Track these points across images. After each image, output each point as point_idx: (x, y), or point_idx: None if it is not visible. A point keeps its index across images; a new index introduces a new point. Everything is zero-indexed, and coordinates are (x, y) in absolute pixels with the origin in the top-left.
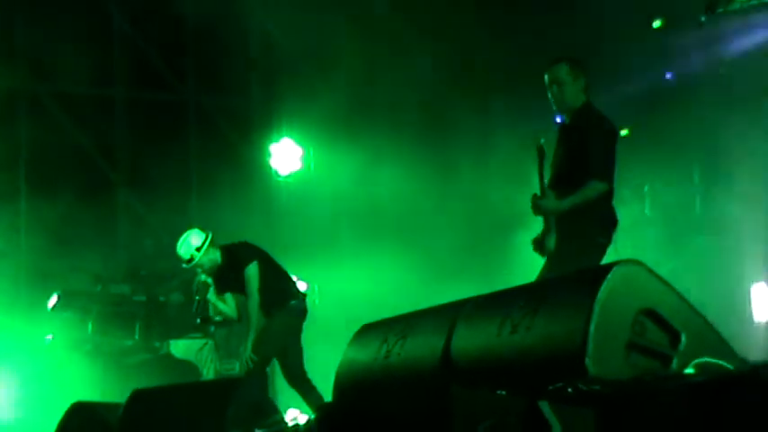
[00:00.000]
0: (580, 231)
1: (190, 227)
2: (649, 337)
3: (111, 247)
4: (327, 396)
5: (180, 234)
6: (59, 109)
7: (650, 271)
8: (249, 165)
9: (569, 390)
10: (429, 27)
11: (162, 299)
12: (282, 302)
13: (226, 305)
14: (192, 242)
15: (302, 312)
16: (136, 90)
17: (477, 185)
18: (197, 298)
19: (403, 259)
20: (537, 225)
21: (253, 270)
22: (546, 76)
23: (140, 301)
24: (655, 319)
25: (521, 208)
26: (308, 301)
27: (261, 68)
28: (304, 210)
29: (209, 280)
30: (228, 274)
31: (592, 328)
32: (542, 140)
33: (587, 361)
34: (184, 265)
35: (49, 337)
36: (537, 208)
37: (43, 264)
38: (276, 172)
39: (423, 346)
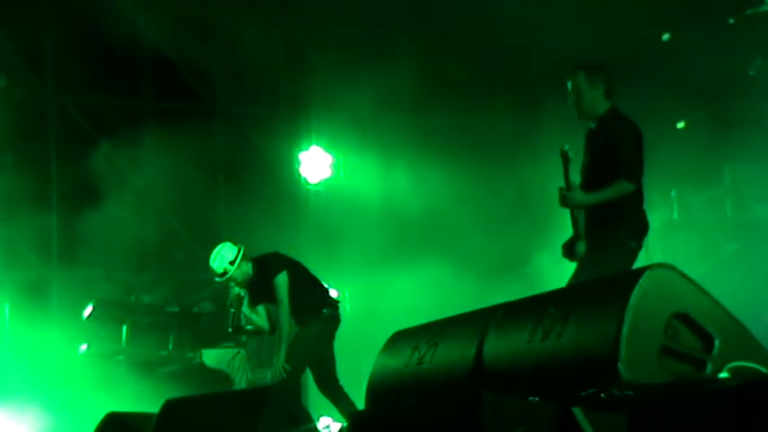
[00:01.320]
0: (611, 236)
1: (220, 239)
2: (682, 341)
3: (140, 257)
4: (360, 403)
5: (210, 245)
6: (86, 119)
7: (683, 275)
8: (278, 173)
9: (602, 395)
10: (458, 27)
11: (194, 309)
12: (315, 311)
13: (259, 317)
14: (225, 256)
15: (335, 320)
16: (163, 100)
17: (512, 191)
18: (232, 311)
19: (434, 266)
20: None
21: (282, 279)
22: (568, 84)
23: (173, 311)
24: (688, 323)
25: (554, 210)
26: (341, 308)
27: (288, 76)
28: (334, 217)
29: (242, 292)
30: (260, 286)
31: (624, 332)
32: (566, 147)
33: (620, 366)
34: (217, 279)
35: (84, 346)
36: (564, 200)
37: (75, 273)
38: (306, 180)
39: (454, 353)
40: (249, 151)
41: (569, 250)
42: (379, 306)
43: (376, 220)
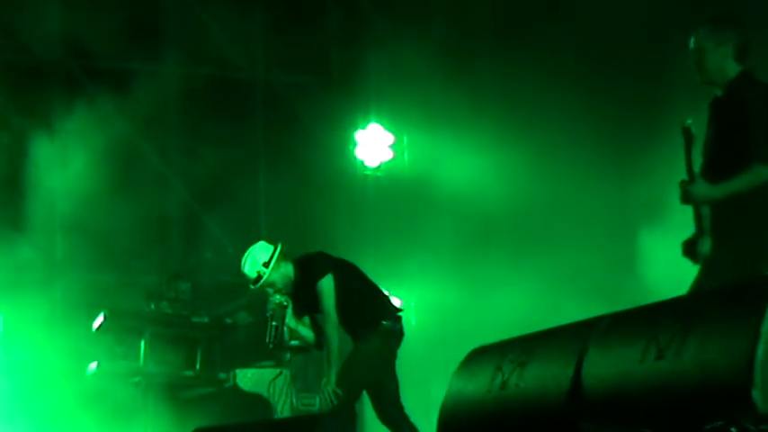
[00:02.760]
0: (742, 233)
1: (258, 235)
2: None
3: (163, 258)
4: None
5: (247, 241)
6: (104, 88)
7: None
8: (329, 155)
9: (732, 429)
10: None
11: (228, 320)
12: (373, 323)
13: (307, 330)
14: (257, 257)
15: (397, 335)
16: (191, 66)
17: (612, 180)
18: (273, 324)
19: (519, 269)
20: (687, 225)
21: (326, 284)
22: (690, 41)
23: (201, 322)
24: None
25: (665, 205)
26: (405, 320)
27: (342, 41)
28: (397, 210)
29: (285, 300)
30: (305, 292)
31: (759, 352)
32: (689, 121)
33: (754, 394)
34: (252, 287)
35: (94, 365)
36: (686, 195)
37: (85, 278)
38: (362, 164)
39: (546, 375)
40: (294, 129)
41: (691, 250)
42: (453, 318)
43: (448, 215)
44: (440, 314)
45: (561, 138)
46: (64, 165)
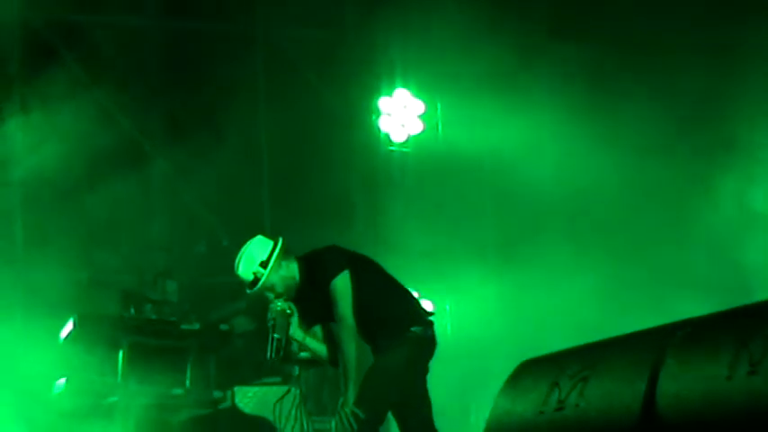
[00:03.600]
0: None
1: (260, 226)
2: None
3: (145, 250)
4: None
5: (246, 234)
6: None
7: None
8: (346, 127)
9: None
10: None
11: (223, 327)
12: (399, 331)
13: (318, 343)
14: (253, 256)
15: (429, 344)
16: (176, 19)
17: (691, 165)
18: (275, 336)
19: (577, 266)
20: None
21: (341, 283)
22: None
23: (192, 330)
24: None
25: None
26: (437, 327)
27: None
28: (428, 194)
29: (288, 308)
30: (314, 297)
31: None
32: None
33: None
34: (248, 291)
35: (61, 381)
36: None
37: (51, 275)
38: (387, 137)
39: (613, 394)
40: (303, 95)
41: None
42: (496, 324)
43: (491, 201)
44: (480, 319)
45: (632, 114)
46: (24, 137)
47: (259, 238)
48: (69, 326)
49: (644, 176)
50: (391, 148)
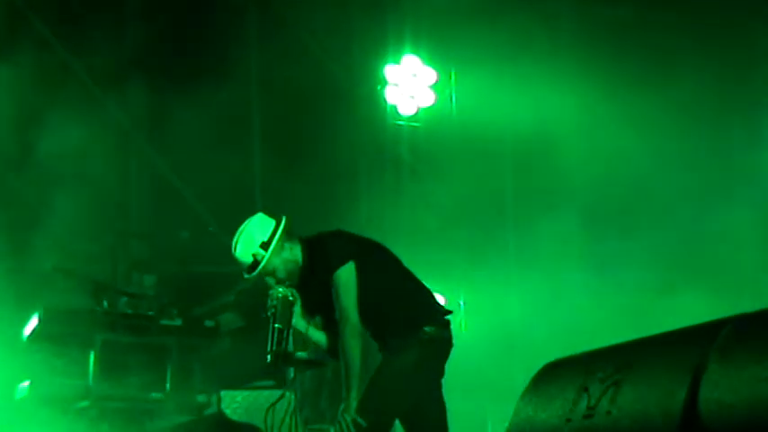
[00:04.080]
0: None
1: (253, 208)
2: None
3: (119, 238)
4: None
5: (234, 219)
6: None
7: None
8: (347, 99)
9: None
10: None
11: (208, 323)
12: (411, 329)
13: (320, 332)
14: (254, 235)
15: (443, 345)
16: None
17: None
18: (276, 326)
19: (610, 257)
20: None
21: (346, 274)
22: None
23: (173, 326)
24: None
25: None
26: (452, 325)
27: None
28: (441, 174)
29: (291, 294)
30: (315, 284)
31: None
32: None
33: None
34: (246, 275)
35: (24, 385)
36: None
37: (10, 264)
38: (394, 109)
39: (649, 400)
40: (296, 61)
41: None
42: (517, 321)
43: (512, 182)
44: (499, 316)
45: (670, 85)
46: None
47: (260, 215)
48: (33, 321)
49: (684, 155)
50: (399, 122)
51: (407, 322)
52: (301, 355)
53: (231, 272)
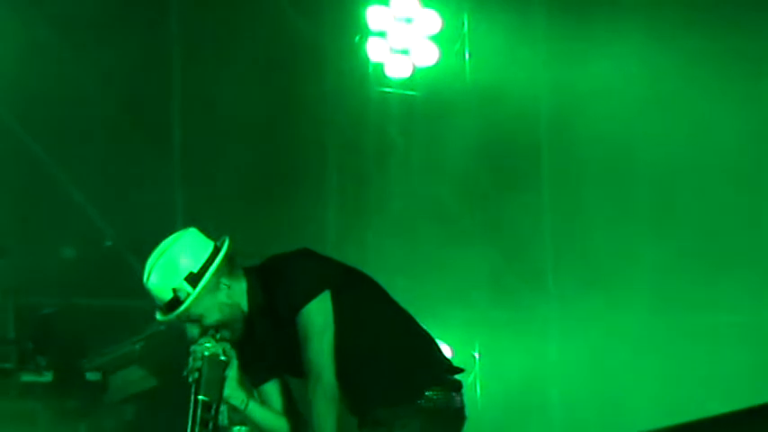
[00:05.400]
0: None
1: (172, 214)
2: None
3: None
4: None
5: (148, 230)
6: None
7: None
8: (313, 57)
9: None
10: None
11: (91, 377)
12: (406, 395)
13: (269, 411)
14: (178, 261)
15: (453, 420)
16: None
17: None
18: (201, 399)
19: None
20: None
21: (316, 312)
22: None
23: (40, 382)
24: None
25: None
26: (464, 388)
27: None
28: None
29: (224, 351)
30: (271, 331)
31: None
32: None
33: None
34: (161, 317)
35: None
36: None
37: None
38: (380, 70)
39: None
40: (241, 6)
41: None
42: (553, 380)
43: (545, 165)
44: (528, 373)
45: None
46: None
47: (192, 233)
48: None
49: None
50: (386, 89)
51: (401, 384)
52: (243, 430)
53: (138, 306)
